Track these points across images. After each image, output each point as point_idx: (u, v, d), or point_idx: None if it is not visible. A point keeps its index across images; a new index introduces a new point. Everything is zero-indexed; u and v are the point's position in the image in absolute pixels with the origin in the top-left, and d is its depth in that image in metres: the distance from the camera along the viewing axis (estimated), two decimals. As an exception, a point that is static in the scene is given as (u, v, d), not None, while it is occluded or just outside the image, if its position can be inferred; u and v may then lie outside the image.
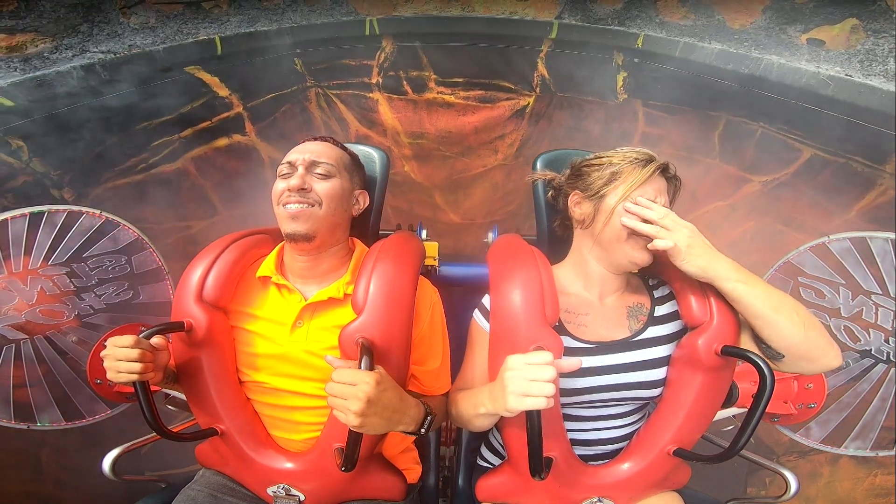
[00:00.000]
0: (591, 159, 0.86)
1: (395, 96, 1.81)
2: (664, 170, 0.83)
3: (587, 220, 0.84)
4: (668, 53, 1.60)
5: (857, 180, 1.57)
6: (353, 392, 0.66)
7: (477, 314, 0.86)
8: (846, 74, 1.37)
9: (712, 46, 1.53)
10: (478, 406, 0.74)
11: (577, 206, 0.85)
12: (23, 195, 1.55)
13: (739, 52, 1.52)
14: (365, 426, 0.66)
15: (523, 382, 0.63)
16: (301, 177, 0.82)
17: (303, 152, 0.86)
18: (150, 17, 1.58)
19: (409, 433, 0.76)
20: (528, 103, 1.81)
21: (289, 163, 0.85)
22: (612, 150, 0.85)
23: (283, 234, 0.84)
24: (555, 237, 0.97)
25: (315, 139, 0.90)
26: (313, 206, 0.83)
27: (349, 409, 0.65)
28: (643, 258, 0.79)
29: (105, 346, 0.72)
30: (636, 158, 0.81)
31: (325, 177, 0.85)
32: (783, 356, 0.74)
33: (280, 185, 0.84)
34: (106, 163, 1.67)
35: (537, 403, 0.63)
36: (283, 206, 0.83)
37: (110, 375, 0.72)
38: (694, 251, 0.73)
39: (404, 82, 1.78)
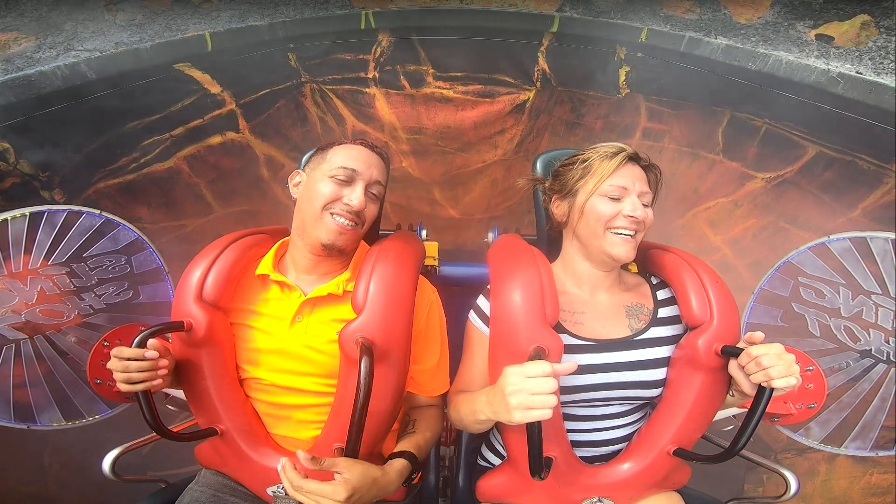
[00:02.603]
0: (567, 160, 0.87)
1: (393, 91, 1.78)
2: (638, 159, 0.83)
3: (564, 218, 0.85)
4: (672, 48, 1.58)
5: (863, 178, 1.56)
6: None
7: (473, 316, 0.87)
8: (856, 72, 1.35)
9: (718, 41, 1.51)
10: (476, 413, 0.75)
11: (557, 207, 0.87)
12: (12, 197, 1.54)
13: (746, 48, 1.50)
14: None
15: (526, 397, 0.63)
16: (362, 199, 0.82)
17: (368, 165, 0.84)
18: (137, 13, 1.54)
19: None
20: (529, 98, 1.79)
21: (351, 169, 0.82)
22: (588, 149, 0.85)
23: (316, 238, 0.82)
24: (554, 237, 0.97)
25: (372, 149, 0.88)
26: (358, 225, 0.84)
27: None
28: (619, 253, 0.79)
29: (105, 347, 0.72)
30: (605, 152, 0.81)
31: (376, 198, 0.86)
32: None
33: (331, 188, 0.81)
34: (96, 163, 1.65)
35: (542, 415, 0.63)
36: (333, 216, 0.82)
37: (121, 386, 0.72)
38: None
39: (401, 77, 1.75)
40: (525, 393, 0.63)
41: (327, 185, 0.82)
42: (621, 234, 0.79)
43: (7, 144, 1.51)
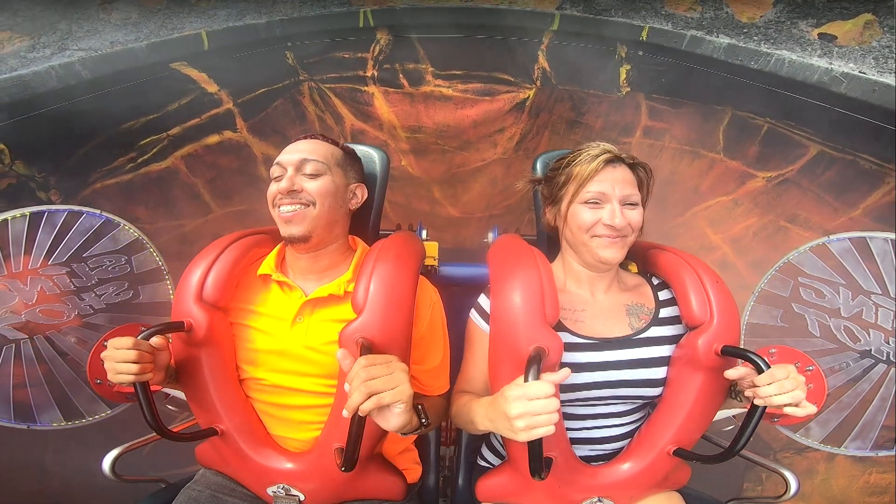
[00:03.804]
0: (554, 164, 0.87)
1: (392, 90, 1.77)
2: (620, 160, 0.81)
3: (553, 223, 0.87)
4: (673, 46, 1.57)
5: (865, 178, 1.56)
6: (394, 369, 0.65)
7: (474, 314, 0.87)
8: (860, 71, 1.35)
9: (720, 40, 1.50)
10: (476, 425, 0.75)
11: (549, 212, 0.88)
12: (8, 198, 1.53)
13: (748, 47, 1.49)
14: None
15: (530, 419, 0.63)
16: (290, 178, 0.82)
17: (291, 153, 0.85)
18: (133, 12, 1.52)
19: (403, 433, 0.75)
20: (529, 96, 1.78)
21: (278, 164, 0.85)
22: (576, 149, 0.84)
23: (281, 235, 0.85)
24: (553, 236, 0.97)
25: (305, 137, 0.90)
26: (307, 206, 0.83)
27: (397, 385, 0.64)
28: (606, 256, 0.79)
29: (105, 347, 0.73)
30: (586, 156, 0.81)
31: (315, 175, 0.84)
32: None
33: (272, 188, 0.85)
34: (92, 163, 1.64)
35: (547, 431, 0.63)
36: (277, 208, 0.84)
37: (110, 376, 0.72)
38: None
39: (400, 75, 1.74)
40: (530, 415, 0.63)
41: (270, 187, 0.85)
42: (605, 238, 0.79)
43: (2, 145, 1.50)
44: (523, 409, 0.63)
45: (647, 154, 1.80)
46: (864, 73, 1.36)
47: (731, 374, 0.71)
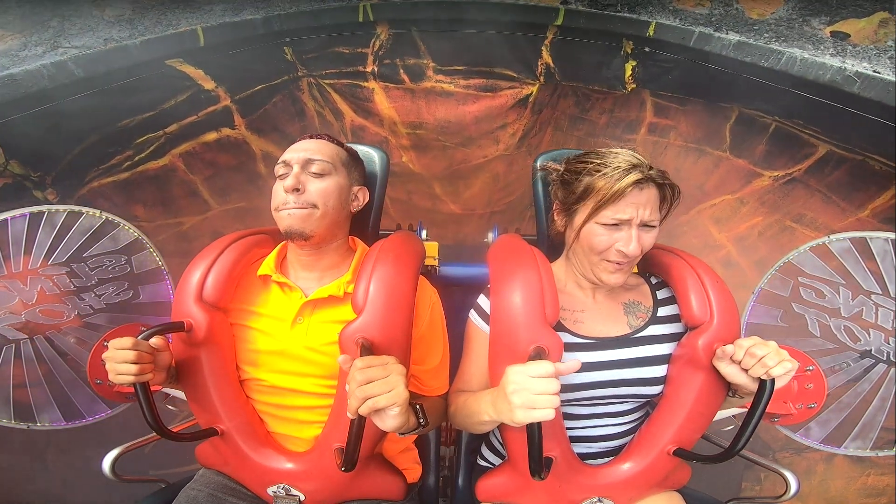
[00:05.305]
0: (577, 163, 0.81)
1: (392, 85, 1.75)
2: (650, 178, 0.75)
3: (563, 230, 0.85)
4: (681, 43, 1.54)
5: (874, 179, 1.54)
6: (390, 371, 0.66)
7: (473, 314, 0.87)
8: (874, 71, 1.31)
9: (729, 37, 1.46)
10: (481, 414, 0.75)
11: (557, 215, 0.86)
12: (4, 198, 1.51)
13: (759, 45, 1.46)
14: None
15: (529, 396, 0.63)
16: (295, 176, 0.82)
17: (297, 151, 0.85)
18: (126, 8, 1.48)
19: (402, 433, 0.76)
20: (532, 92, 1.75)
21: (284, 162, 0.85)
22: (600, 154, 0.79)
23: (281, 230, 0.84)
24: (554, 235, 0.97)
25: (311, 137, 0.90)
26: (305, 208, 0.83)
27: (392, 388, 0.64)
28: (609, 280, 0.79)
29: (105, 347, 0.73)
30: (613, 172, 0.74)
31: (321, 175, 0.84)
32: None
33: (277, 186, 0.85)
34: (89, 162, 1.61)
35: (545, 415, 0.63)
36: (278, 212, 0.84)
37: (111, 377, 0.72)
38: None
39: (401, 70, 1.72)
40: (528, 392, 0.63)
41: (275, 186, 0.86)
42: (614, 263, 0.78)
43: (-5, 145, 1.48)
44: (522, 384, 0.63)
45: (651, 151, 1.78)
46: (879, 73, 1.32)
47: (727, 348, 0.72)
